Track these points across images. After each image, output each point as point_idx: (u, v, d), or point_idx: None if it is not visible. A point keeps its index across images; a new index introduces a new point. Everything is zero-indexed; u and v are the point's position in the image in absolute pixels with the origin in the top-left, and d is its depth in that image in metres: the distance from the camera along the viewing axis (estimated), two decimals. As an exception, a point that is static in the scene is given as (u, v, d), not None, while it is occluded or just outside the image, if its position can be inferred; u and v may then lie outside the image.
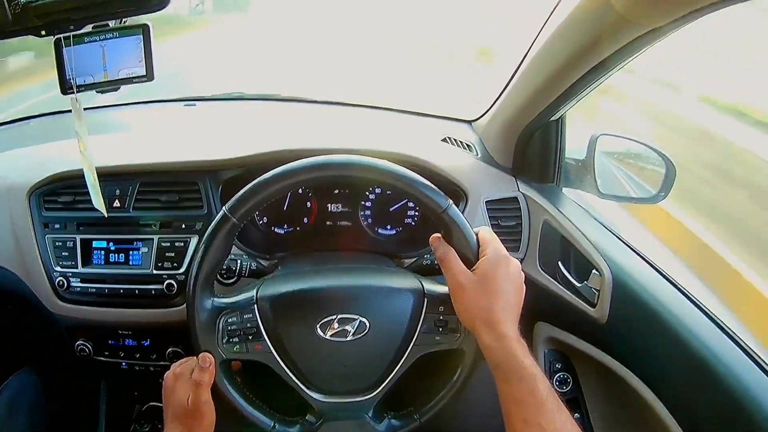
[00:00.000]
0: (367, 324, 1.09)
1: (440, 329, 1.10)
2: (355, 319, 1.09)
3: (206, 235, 1.04)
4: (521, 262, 1.44)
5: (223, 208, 1.03)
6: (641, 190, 1.48)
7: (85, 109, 1.14)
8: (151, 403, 1.67)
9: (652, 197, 1.43)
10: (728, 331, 1.09)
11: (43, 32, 1.06)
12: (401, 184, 1.03)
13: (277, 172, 1.03)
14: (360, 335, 1.08)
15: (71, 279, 1.39)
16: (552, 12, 1.19)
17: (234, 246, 1.12)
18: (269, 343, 1.08)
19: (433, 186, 1.04)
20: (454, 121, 1.83)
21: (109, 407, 1.70)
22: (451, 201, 1.03)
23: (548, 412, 0.91)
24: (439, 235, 1.06)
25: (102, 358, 1.48)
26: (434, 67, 9.73)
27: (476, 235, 1.04)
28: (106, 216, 1.23)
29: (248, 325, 1.08)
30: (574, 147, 1.52)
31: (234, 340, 1.08)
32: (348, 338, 1.08)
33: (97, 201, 1.18)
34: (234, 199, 1.04)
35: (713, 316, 1.12)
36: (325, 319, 1.08)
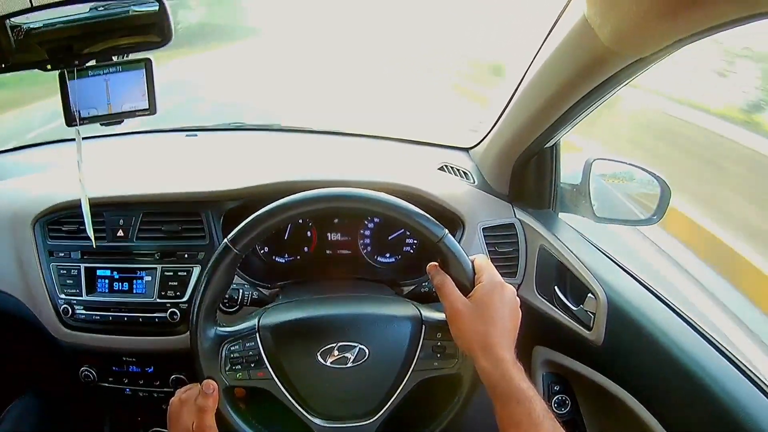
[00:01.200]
0: (367, 351, 1.10)
1: (438, 355, 1.11)
2: (354, 347, 1.10)
3: (209, 266, 1.06)
4: (519, 287, 1.47)
5: (225, 239, 1.05)
6: (636, 213, 1.50)
7: (87, 138, 1.17)
8: (155, 429, 1.66)
9: (646, 219, 1.45)
10: (723, 350, 1.10)
11: (48, 66, 1.09)
12: (398, 215, 1.06)
13: (277, 204, 1.05)
14: (360, 362, 1.10)
15: (76, 306, 1.41)
16: (543, 43, 1.22)
17: (236, 275, 1.14)
18: (271, 370, 1.09)
19: (428, 216, 1.06)
20: (451, 149, 1.85)
21: None
22: (446, 230, 1.05)
23: None
24: (435, 263, 1.08)
25: (106, 384, 1.49)
26: (413, 78, 9.85)
27: (472, 262, 1.06)
28: (97, 245, 1.25)
29: (250, 353, 1.09)
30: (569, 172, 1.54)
31: (237, 367, 1.09)
32: (348, 365, 1.09)
33: (90, 231, 1.21)
34: (235, 231, 1.06)
35: (708, 336, 1.14)
36: (326, 347, 1.09)
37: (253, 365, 1.09)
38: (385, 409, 1.11)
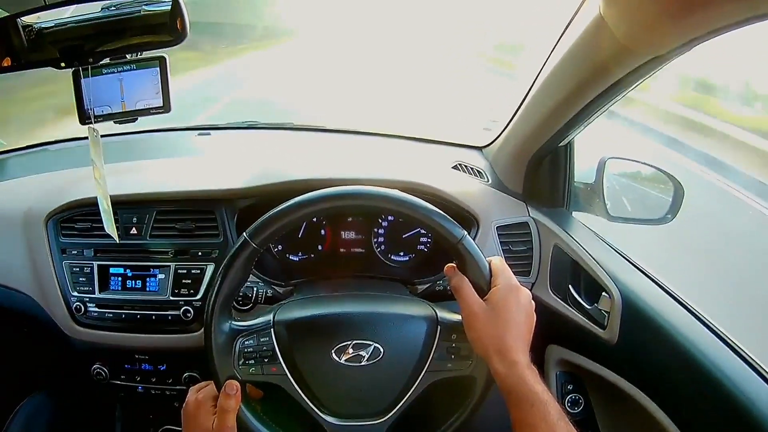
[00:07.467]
0: (382, 350, 1.09)
1: (452, 356, 1.11)
2: (369, 345, 1.09)
3: (226, 259, 1.06)
4: (532, 286, 1.47)
5: (244, 233, 1.05)
6: (650, 212, 1.49)
7: (101, 136, 1.17)
8: (166, 427, 1.67)
9: (660, 218, 1.44)
10: (738, 349, 1.10)
11: (62, 64, 1.09)
12: (418, 214, 1.05)
13: (297, 201, 1.05)
14: (374, 360, 1.09)
15: (88, 304, 1.41)
16: (558, 41, 1.21)
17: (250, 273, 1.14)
18: (284, 365, 1.09)
19: (448, 217, 1.05)
20: (465, 148, 1.85)
21: (124, 431, 1.71)
22: (465, 232, 1.05)
23: None
24: (453, 265, 1.08)
25: (118, 382, 1.50)
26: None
27: (489, 264, 1.06)
28: (118, 242, 1.25)
29: (264, 347, 1.09)
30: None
31: (250, 362, 1.08)
32: (362, 363, 1.09)
33: (110, 227, 1.21)
34: (254, 225, 1.06)
35: (722, 335, 1.13)
36: (341, 344, 1.09)
37: (266, 360, 1.09)
38: (397, 408, 1.10)
